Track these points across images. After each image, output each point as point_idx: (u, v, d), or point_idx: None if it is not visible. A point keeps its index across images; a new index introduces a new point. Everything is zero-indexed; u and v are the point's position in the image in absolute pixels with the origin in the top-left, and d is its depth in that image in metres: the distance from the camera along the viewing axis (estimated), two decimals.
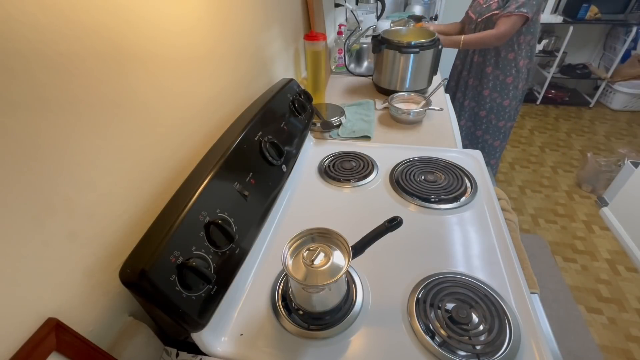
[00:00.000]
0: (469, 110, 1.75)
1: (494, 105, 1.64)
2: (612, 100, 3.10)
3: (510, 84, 1.56)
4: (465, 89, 1.71)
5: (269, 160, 0.66)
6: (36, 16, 0.32)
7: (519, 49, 1.49)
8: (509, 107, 1.63)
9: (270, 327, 0.52)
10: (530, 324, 0.50)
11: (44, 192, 0.35)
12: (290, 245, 0.48)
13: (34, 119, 0.33)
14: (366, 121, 1.07)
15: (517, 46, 1.48)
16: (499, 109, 1.64)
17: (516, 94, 1.59)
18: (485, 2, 1.47)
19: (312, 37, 1.06)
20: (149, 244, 0.42)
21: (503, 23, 1.36)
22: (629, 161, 1.89)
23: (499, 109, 1.64)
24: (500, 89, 1.59)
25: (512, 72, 1.54)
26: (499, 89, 1.59)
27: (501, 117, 1.67)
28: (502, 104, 1.62)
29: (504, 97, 1.61)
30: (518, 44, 1.47)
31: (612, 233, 1.86)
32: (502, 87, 1.58)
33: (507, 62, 1.52)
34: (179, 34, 0.54)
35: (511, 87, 1.57)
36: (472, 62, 1.63)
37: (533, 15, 1.34)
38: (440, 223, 0.68)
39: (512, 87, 1.57)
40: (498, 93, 1.61)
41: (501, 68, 1.54)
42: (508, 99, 1.61)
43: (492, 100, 1.63)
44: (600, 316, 1.47)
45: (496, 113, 1.66)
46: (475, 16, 1.51)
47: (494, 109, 1.65)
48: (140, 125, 0.47)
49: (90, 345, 0.38)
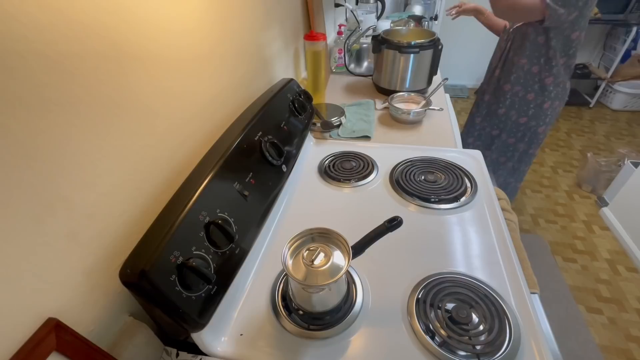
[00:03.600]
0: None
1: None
2: (612, 100, 3.10)
3: (532, 102, 1.37)
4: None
5: (269, 160, 0.66)
6: (36, 16, 0.32)
7: (547, 64, 1.27)
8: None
9: (270, 327, 0.52)
10: (530, 324, 0.50)
11: (44, 192, 0.35)
12: (290, 245, 0.48)
13: (34, 119, 0.33)
14: (366, 121, 1.07)
15: (545, 60, 1.27)
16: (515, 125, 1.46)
17: (539, 112, 1.38)
18: None
19: (312, 37, 1.06)
20: (149, 244, 0.42)
21: None
22: (629, 161, 1.89)
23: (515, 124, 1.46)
24: (519, 105, 1.40)
25: (534, 88, 1.34)
26: (517, 106, 1.41)
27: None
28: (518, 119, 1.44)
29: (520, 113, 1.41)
30: (547, 57, 1.26)
31: (612, 233, 1.86)
32: (521, 103, 1.39)
33: (531, 76, 1.32)
34: (179, 34, 0.54)
35: (532, 105, 1.38)
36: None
37: (556, 17, 1.10)
38: (440, 223, 0.68)
39: (534, 105, 1.37)
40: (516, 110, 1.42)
41: (522, 83, 1.35)
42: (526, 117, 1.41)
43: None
44: (600, 316, 1.47)
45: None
46: (509, 25, 1.35)
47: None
48: (140, 125, 0.47)
49: (90, 345, 0.38)
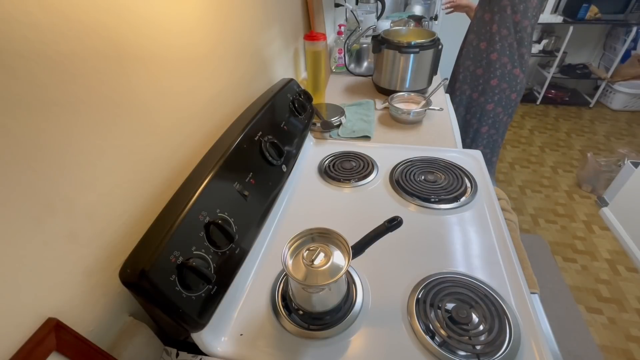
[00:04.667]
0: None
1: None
2: (612, 100, 3.10)
3: (480, 77, 1.56)
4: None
5: (269, 160, 0.66)
6: (36, 16, 0.32)
7: (502, 48, 1.45)
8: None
9: (270, 327, 0.52)
10: (530, 324, 0.50)
11: (44, 192, 0.35)
12: (290, 245, 0.48)
13: (34, 119, 0.33)
14: (366, 121, 1.07)
15: (500, 45, 1.45)
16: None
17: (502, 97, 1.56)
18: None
19: (312, 37, 1.06)
20: (149, 244, 0.42)
21: None
22: (629, 161, 1.89)
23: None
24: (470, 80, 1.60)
25: (482, 63, 1.53)
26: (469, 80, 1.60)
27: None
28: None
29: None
30: (491, 33, 1.44)
31: (612, 233, 1.86)
32: (472, 78, 1.59)
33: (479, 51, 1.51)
34: (179, 34, 0.54)
35: (481, 81, 1.57)
36: None
37: None
38: (440, 223, 0.68)
39: (482, 80, 1.57)
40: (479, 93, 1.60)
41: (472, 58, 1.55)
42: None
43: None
44: (600, 316, 1.47)
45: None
46: None
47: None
48: (140, 125, 0.47)
49: (90, 345, 0.38)
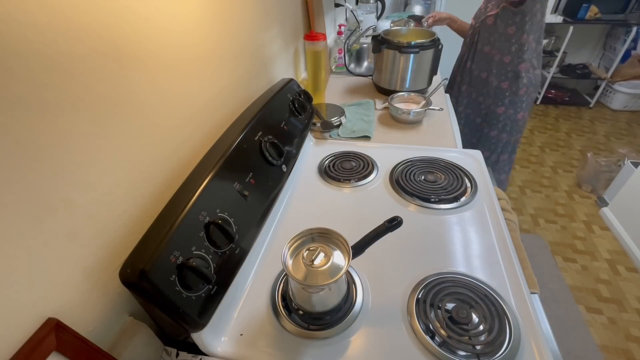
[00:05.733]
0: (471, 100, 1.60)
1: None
2: (612, 100, 3.10)
3: (507, 90, 1.43)
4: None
5: (269, 160, 0.66)
6: (36, 16, 0.32)
7: (529, 55, 1.34)
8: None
9: (270, 327, 0.52)
10: (530, 324, 0.50)
11: (44, 192, 0.35)
12: (290, 245, 0.48)
13: (34, 119, 0.33)
14: (366, 121, 1.07)
15: (528, 54, 1.33)
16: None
17: (514, 100, 1.44)
18: (485, 8, 1.41)
19: (312, 37, 1.06)
20: (149, 244, 0.42)
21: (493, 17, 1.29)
22: (629, 161, 1.89)
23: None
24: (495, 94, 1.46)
25: (508, 76, 1.40)
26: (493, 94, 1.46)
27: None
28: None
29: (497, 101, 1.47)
30: (519, 44, 1.32)
31: (612, 233, 1.86)
32: (497, 92, 1.45)
33: (503, 66, 1.38)
34: (179, 34, 0.54)
35: (508, 94, 1.44)
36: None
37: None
38: (440, 223, 0.68)
39: (509, 93, 1.44)
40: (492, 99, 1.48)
41: (495, 73, 1.42)
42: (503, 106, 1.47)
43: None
44: (600, 316, 1.47)
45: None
46: (475, 22, 1.46)
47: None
48: (140, 125, 0.47)
49: (90, 345, 0.38)
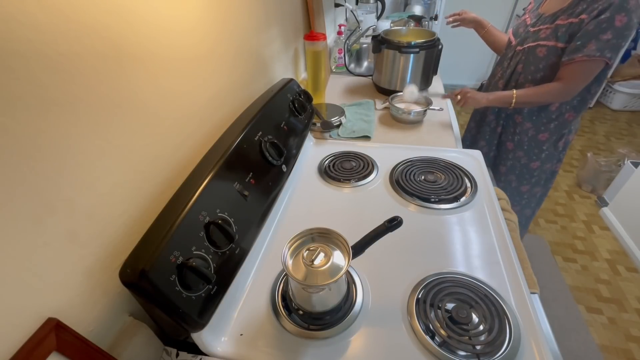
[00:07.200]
0: None
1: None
2: (612, 100, 3.09)
3: (546, 142, 1.18)
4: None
5: (269, 160, 0.66)
6: (36, 16, 0.32)
7: (580, 104, 1.08)
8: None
9: (270, 327, 0.52)
10: (530, 324, 0.50)
11: (45, 193, 0.35)
12: (290, 245, 0.48)
13: (34, 119, 0.33)
14: (366, 121, 1.07)
15: (579, 101, 1.07)
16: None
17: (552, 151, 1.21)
18: (534, 25, 1.03)
19: (312, 37, 1.06)
20: (149, 244, 0.42)
21: (573, 71, 0.94)
22: (629, 161, 1.89)
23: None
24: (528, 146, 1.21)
25: (549, 127, 1.13)
26: (526, 146, 1.21)
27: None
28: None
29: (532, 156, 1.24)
30: (581, 98, 1.06)
31: (612, 233, 1.86)
32: (531, 143, 1.20)
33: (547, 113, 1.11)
34: (179, 34, 0.54)
35: (545, 147, 1.20)
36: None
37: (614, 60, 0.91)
38: (440, 223, 0.68)
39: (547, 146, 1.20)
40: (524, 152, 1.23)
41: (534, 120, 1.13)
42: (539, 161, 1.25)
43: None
44: (600, 316, 1.47)
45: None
46: (516, 41, 1.09)
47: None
48: (140, 125, 0.47)
49: (90, 345, 0.38)
